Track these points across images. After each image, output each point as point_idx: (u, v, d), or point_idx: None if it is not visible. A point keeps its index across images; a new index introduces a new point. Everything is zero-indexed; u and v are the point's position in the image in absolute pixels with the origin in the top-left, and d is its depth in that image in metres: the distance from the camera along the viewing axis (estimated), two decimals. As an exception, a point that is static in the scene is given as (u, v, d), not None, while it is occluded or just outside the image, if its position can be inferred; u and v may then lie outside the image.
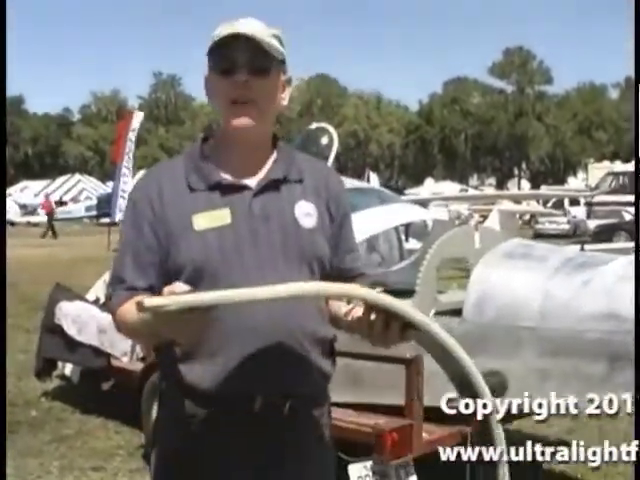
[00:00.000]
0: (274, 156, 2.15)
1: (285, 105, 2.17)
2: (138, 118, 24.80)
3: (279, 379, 2.03)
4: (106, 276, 7.07)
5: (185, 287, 1.79)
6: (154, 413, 5.37)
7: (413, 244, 7.03)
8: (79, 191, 46.46)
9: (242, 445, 2.04)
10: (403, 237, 7.21)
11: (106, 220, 27.33)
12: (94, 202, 41.78)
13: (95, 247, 22.20)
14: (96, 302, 6.90)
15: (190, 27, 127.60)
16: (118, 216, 25.10)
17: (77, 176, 49.20)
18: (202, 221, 2.04)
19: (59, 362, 6.90)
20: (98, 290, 7.12)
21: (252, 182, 2.10)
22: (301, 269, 2.07)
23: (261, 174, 2.11)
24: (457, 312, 4.50)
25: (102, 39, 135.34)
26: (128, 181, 26.37)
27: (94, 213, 39.57)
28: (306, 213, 2.12)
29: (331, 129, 7.34)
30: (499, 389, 4.06)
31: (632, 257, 4.33)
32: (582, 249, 6.14)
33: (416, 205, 6.43)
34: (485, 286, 4.23)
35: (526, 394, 4.10)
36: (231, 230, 2.04)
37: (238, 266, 2.02)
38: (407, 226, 7.43)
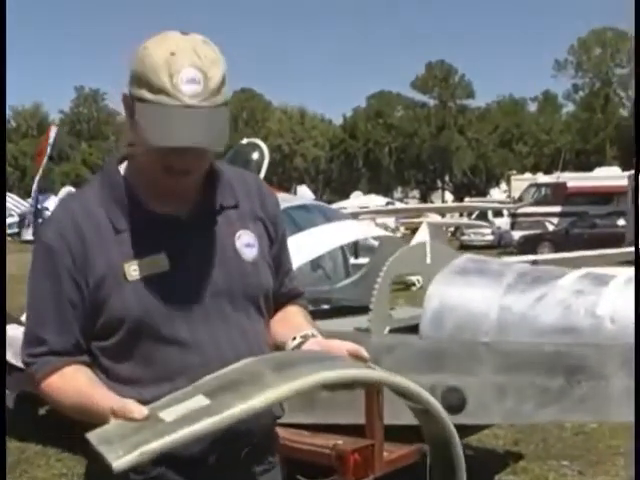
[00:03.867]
0: (209, 183, 1.90)
1: None
2: (53, 132, 24.39)
3: (241, 429, 1.78)
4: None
5: (140, 408, 1.59)
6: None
7: (362, 260, 7.01)
8: (-1, 209, 45.49)
9: None
10: (352, 254, 7.22)
11: (30, 237, 26.76)
12: (16, 219, 40.78)
13: (20, 265, 21.64)
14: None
15: (114, 40, 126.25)
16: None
17: (-3, 193, 48.15)
18: (135, 269, 1.79)
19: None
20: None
21: (185, 214, 1.85)
22: (248, 311, 1.90)
23: (196, 205, 1.87)
24: (411, 329, 4.49)
25: (21, 52, 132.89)
26: (43, 197, 25.92)
27: (16, 230, 38.62)
28: (247, 244, 1.91)
29: (262, 144, 7.30)
30: (458, 406, 4.06)
31: (584, 271, 4.39)
32: (534, 263, 6.19)
33: (363, 222, 6.41)
34: (442, 302, 4.22)
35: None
36: (169, 277, 1.81)
37: (182, 318, 1.81)
38: (355, 243, 7.42)
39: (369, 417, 3.98)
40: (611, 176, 33.95)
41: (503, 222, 34.79)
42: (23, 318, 6.87)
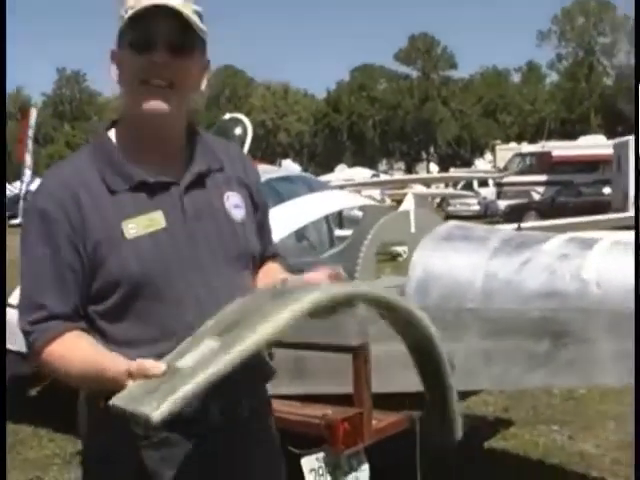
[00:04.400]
0: (192, 146, 1.95)
1: (202, 90, 1.96)
2: (33, 115, 24.18)
3: (234, 390, 1.85)
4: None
5: (156, 364, 1.62)
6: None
7: (347, 232, 7.00)
8: (-16, 193, 45.09)
9: (198, 459, 1.90)
10: (337, 225, 7.20)
11: (16, 221, 26.63)
12: (1, 203, 40.54)
13: (10, 249, 21.57)
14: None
15: (95, 21, 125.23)
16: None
17: (-19, 177, 47.68)
18: (133, 227, 1.82)
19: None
20: (21, 294, 6.89)
21: (177, 178, 1.90)
22: (239, 268, 1.95)
23: (184, 167, 1.91)
24: (398, 297, 4.48)
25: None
26: (32, 180, 25.75)
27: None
28: (235, 205, 1.97)
29: (245, 119, 7.27)
30: (446, 372, 4.06)
31: (569, 235, 4.39)
32: (519, 229, 6.19)
33: (346, 191, 6.40)
34: (427, 269, 4.21)
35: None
36: (166, 234, 1.84)
37: (180, 274, 1.84)
38: (339, 213, 7.40)
39: (357, 386, 3.97)
40: (596, 144, 33.99)
41: (489, 192, 34.82)
42: (11, 300, 6.85)
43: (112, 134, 1.93)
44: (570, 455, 5.34)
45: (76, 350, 1.79)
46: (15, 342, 5.93)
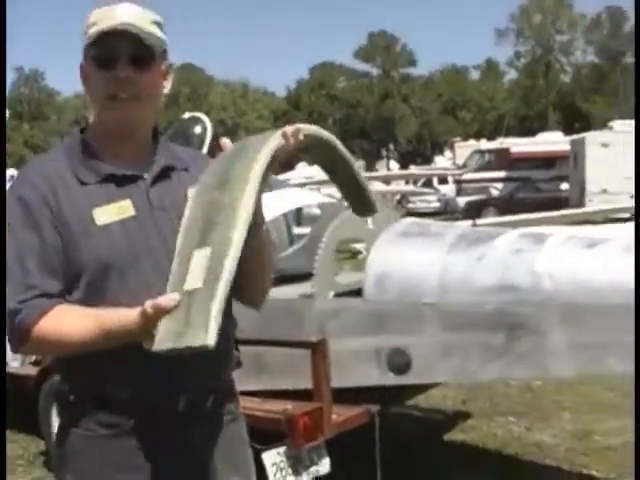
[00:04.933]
0: (157, 145, 2.10)
1: (166, 93, 2.10)
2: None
3: (202, 376, 1.98)
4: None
5: (169, 296, 1.71)
6: (53, 418, 5.22)
7: (306, 230, 7.04)
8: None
9: (170, 446, 1.98)
10: (294, 222, 7.23)
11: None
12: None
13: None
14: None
15: (54, 19, 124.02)
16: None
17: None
18: (104, 215, 1.94)
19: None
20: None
21: (143, 172, 2.03)
22: None
23: (149, 164, 2.05)
24: (356, 293, 4.55)
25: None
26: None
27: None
28: None
29: (204, 118, 7.26)
30: (403, 366, 4.14)
31: (522, 230, 4.48)
32: (474, 225, 6.28)
33: (304, 190, 6.44)
34: (384, 265, 4.28)
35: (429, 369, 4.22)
36: (135, 222, 1.96)
37: (148, 258, 1.95)
38: (298, 211, 7.45)
39: (316, 381, 4.03)
40: (553, 141, 34.29)
41: (448, 189, 35.03)
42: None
43: (86, 136, 2.07)
44: (527, 445, 5.46)
45: (73, 316, 1.87)
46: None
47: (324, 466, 4.11)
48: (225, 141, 2.07)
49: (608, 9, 72.31)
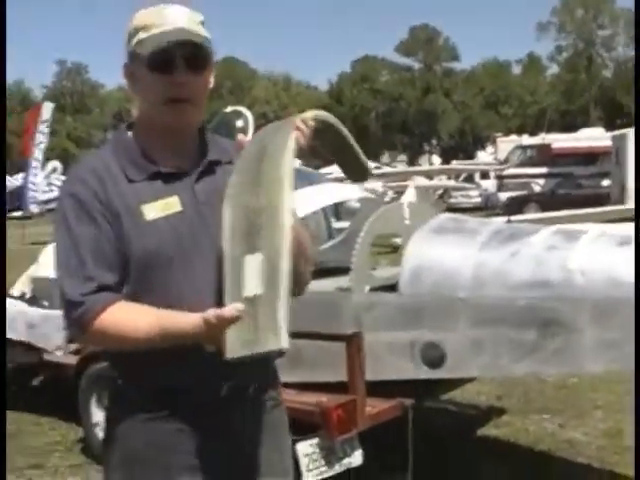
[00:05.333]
0: (203, 140, 2.16)
1: (211, 87, 2.15)
2: (48, 109, 24.23)
3: (246, 363, 1.96)
4: (32, 270, 6.96)
5: (232, 307, 1.77)
6: (92, 406, 5.34)
7: (345, 224, 7.08)
8: (-14, 185, 44.97)
9: (214, 431, 2.05)
10: (334, 216, 7.29)
11: (18, 214, 26.69)
12: (3, 196, 40.54)
13: (9, 241, 21.59)
14: (22, 297, 6.79)
15: (95, 13, 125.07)
16: (33, 208, 24.56)
17: (-17, 170, 47.49)
18: (152, 210, 2.01)
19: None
20: (23, 285, 7.00)
21: (189, 168, 2.10)
22: None
23: (195, 159, 2.11)
24: (391, 287, 4.60)
25: None
26: (38, 173, 25.80)
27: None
28: None
29: (246, 112, 7.35)
30: (437, 361, 4.19)
31: (556, 227, 4.50)
32: (509, 222, 6.29)
33: (343, 184, 6.49)
34: (419, 260, 4.32)
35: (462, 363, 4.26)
36: (182, 217, 2.03)
37: (194, 251, 2.02)
38: (337, 205, 7.49)
39: (351, 373, 4.09)
40: (595, 137, 33.94)
41: (490, 184, 34.81)
42: (13, 291, 6.96)
43: (132, 132, 2.13)
44: (559, 442, 5.46)
45: (134, 314, 1.95)
46: (18, 332, 6.09)
47: (357, 458, 4.17)
48: (242, 137, 2.15)
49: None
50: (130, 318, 1.94)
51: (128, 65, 2.10)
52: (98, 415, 5.29)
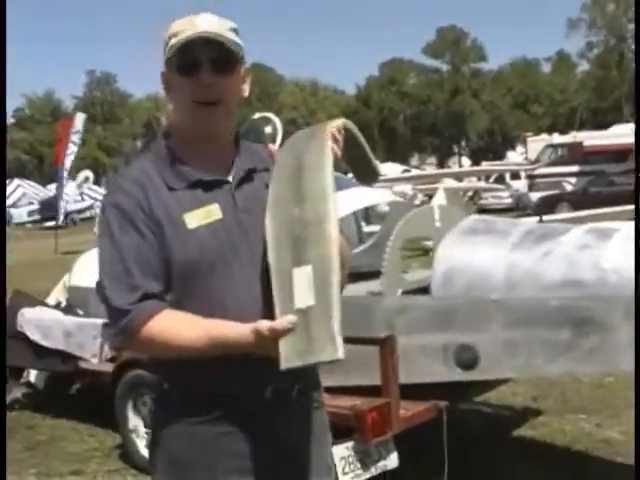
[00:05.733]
0: (239, 148, 2.19)
1: (245, 96, 2.19)
2: (80, 119, 24.48)
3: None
4: (66, 279, 7.04)
5: (285, 319, 1.81)
6: (129, 413, 5.40)
7: (375, 228, 7.10)
8: (20, 196, 45.53)
9: (259, 433, 2.08)
10: (364, 220, 7.31)
11: (51, 224, 26.96)
12: (36, 206, 41.06)
13: (42, 251, 21.94)
14: (57, 306, 6.87)
15: (123, 23, 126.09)
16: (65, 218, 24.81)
17: (16, 181, 48.13)
18: (193, 219, 2.04)
19: (24, 370, 6.87)
20: (59, 294, 7.08)
21: (228, 176, 2.13)
22: None
23: (232, 167, 2.15)
24: (423, 290, 4.61)
25: (29, 40, 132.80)
26: (68, 183, 26.04)
27: (37, 217, 38.87)
28: None
29: (275, 118, 7.40)
30: (471, 362, 4.18)
31: (587, 226, 4.48)
32: (540, 221, 6.28)
33: (374, 188, 6.50)
34: (451, 262, 4.33)
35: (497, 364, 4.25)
36: (222, 224, 2.06)
37: (234, 258, 2.05)
38: (367, 209, 7.52)
39: (384, 377, 4.10)
40: (626, 133, 33.60)
41: (521, 184, 34.58)
42: (49, 300, 7.04)
43: (170, 142, 2.17)
44: (596, 442, 5.43)
45: (182, 323, 1.98)
46: (54, 340, 6.17)
47: (392, 461, 4.18)
48: (271, 147, 2.19)
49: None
50: (177, 326, 1.98)
51: (164, 73, 2.15)
52: (134, 421, 5.36)
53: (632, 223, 4.58)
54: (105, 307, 2.06)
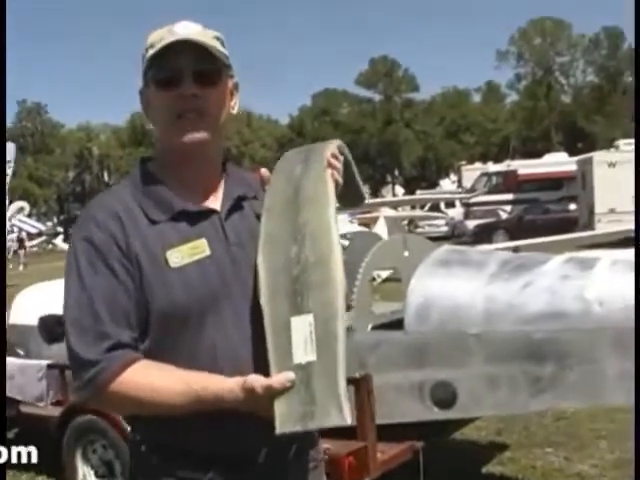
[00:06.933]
0: (227, 173, 1.95)
1: (234, 113, 1.95)
2: (11, 149, 24.09)
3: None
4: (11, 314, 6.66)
5: (283, 376, 1.58)
6: (78, 462, 5.05)
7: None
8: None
9: None
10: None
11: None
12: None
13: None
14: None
15: (55, 52, 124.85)
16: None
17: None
18: (178, 256, 1.78)
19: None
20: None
21: (215, 205, 1.88)
22: None
23: (221, 194, 1.90)
24: (395, 324, 4.40)
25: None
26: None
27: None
28: None
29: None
30: (449, 400, 3.98)
31: (568, 255, 4.33)
32: (515, 251, 6.14)
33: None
34: (425, 295, 4.13)
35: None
36: (211, 262, 1.80)
37: (226, 300, 1.80)
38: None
39: (361, 419, 3.87)
40: (560, 162, 34.31)
41: (456, 212, 34.95)
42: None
43: (149, 167, 1.93)
44: (569, 477, 5.28)
45: (159, 376, 1.72)
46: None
47: (370, 507, 3.95)
48: (264, 171, 1.93)
49: (605, 29, 72.70)
50: (153, 380, 1.71)
51: (142, 91, 1.90)
52: (84, 470, 5.02)
53: (611, 252, 4.45)
54: (68, 356, 1.77)
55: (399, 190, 72.88)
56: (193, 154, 1.85)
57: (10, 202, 32.33)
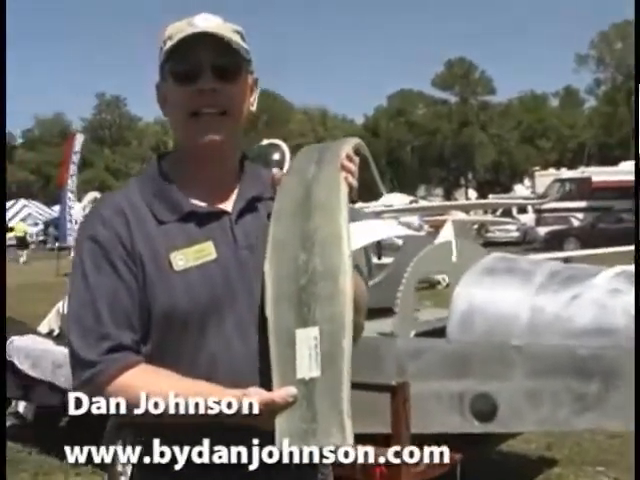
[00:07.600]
0: (244, 173, 1.87)
1: (253, 110, 1.87)
2: (79, 140, 24.57)
3: None
4: (60, 305, 6.75)
5: (285, 391, 1.52)
6: (119, 450, 5.06)
7: (385, 260, 6.81)
8: (25, 216, 45.39)
9: None
10: (375, 253, 7.01)
11: (52, 246, 26.84)
12: (41, 227, 41.04)
13: (44, 273, 21.73)
14: (50, 335, 6.59)
15: (133, 46, 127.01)
16: (70, 241, 24.74)
17: (22, 201, 48.10)
18: (182, 259, 1.72)
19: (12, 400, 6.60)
20: (52, 321, 6.81)
21: (227, 205, 1.81)
22: None
23: (234, 194, 1.83)
24: (438, 332, 4.30)
25: (42, 61, 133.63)
26: (74, 205, 26.00)
27: (42, 238, 38.86)
28: None
29: (283, 145, 7.17)
30: (489, 413, 3.87)
31: (619, 268, 4.17)
32: (566, 261, 5.98)
33: (387, 221, 6.22)
34: (470, 303, 4.03)
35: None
36: (216, 265, 1.74)
37: (230, 307, 1.73)
38: (378, 242, 7.23)
39: (396, 427, 3.79)
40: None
41: (528, 218, 34.45)
42: (41, 328, 6.76)
43: (164, 164, 1.87)
44: (617, 498, 5.10)
45: (158, 382, 1.66)
46: (43, 371, 5.86)
47: (402, 518, 3.85)
48: (276, 172, 1.87)
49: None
50: (151, 385, 1.64)
51: (159, 85, 1.84)
52: (123, 460, 5.02)
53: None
54: (69, 353, 1.73)
55: (472, 193, 72.22)
56: (208, 152, 1.79)
57: (85, 192, 32.96)
